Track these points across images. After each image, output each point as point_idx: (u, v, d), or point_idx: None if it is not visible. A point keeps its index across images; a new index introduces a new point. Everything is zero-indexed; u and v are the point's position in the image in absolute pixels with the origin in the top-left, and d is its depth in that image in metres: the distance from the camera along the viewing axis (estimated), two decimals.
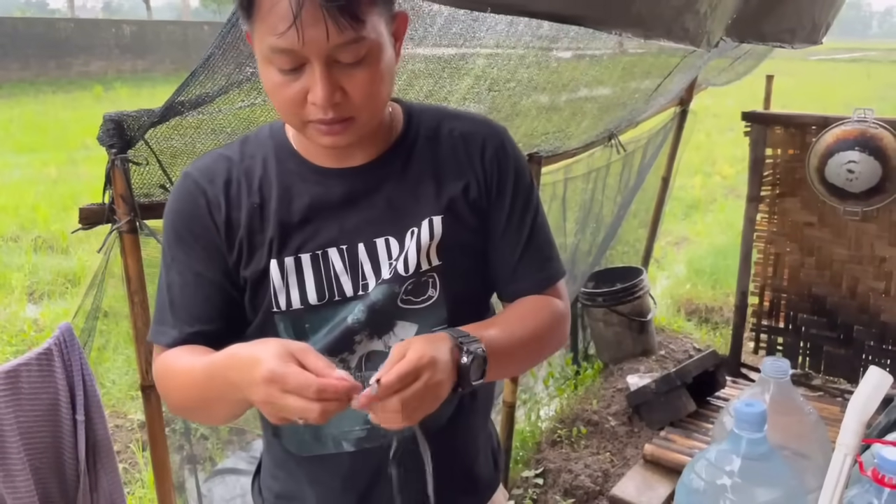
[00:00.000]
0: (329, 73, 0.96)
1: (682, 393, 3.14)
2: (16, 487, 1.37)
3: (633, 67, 2.94)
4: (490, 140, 1.16)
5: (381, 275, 1.09)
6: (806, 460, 1.13)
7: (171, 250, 1.11)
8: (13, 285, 5.15)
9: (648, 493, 2.76)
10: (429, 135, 1.15)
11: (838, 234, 3.36)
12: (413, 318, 1.12)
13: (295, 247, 1.09)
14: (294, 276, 1.09)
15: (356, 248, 1.10)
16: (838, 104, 12.36)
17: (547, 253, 1.22)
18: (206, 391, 1.02)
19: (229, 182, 1.10)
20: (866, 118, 3.06)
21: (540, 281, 1.21)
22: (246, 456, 2.75)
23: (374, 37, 0.97)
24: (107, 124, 1.38)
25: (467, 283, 1.15)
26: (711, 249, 6.25)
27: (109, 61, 21.06)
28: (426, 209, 1.11)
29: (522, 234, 1.18)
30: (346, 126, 1.01)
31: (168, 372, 1.09)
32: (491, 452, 1.34)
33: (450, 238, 1.11)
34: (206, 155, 1.15)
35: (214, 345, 1.06)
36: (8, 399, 1.35)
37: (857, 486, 0.96)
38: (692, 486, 0.98)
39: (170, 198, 1.13)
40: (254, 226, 1.09)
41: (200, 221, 1.09)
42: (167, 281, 1.12)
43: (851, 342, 3.44)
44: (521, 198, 1.17)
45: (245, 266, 1.10)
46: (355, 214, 1.10)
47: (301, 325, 1.11)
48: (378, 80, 1.00)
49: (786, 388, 1.15)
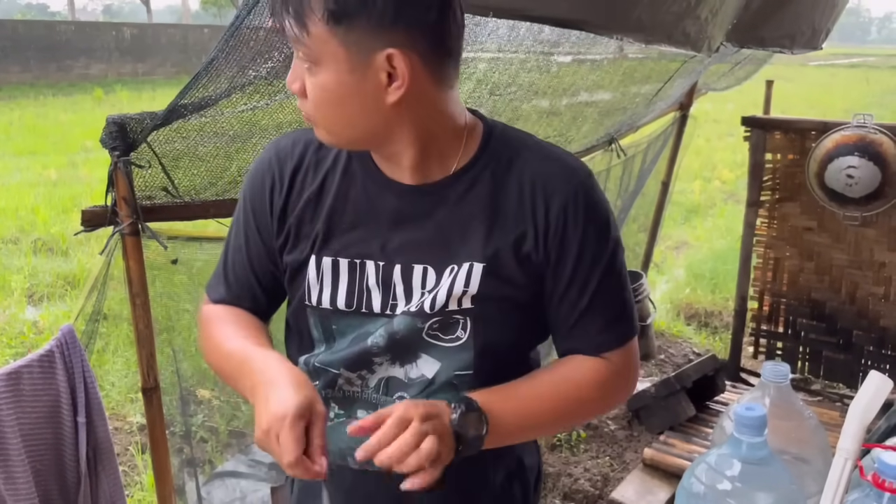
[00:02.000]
0: (298, 63, 1.00)
1: (681, 397, 3.14)
2: (17, 489, 1.37)
3: (633, 72, 2.95)
4: (562, 189, 1.06)
5: (412, 300, 1.08)
6: (806, 465, 1.13)
7: (238, 211, 1.18)
8: (13, 287, 5.14)
9: (648, 497, 2.76)
10: (500, 167, 1.07)
11: (838, 239, 3.37)
12: (437, 355, 1.09)
13: (336, 249, 1.10)
14: (329, 276, 1.10)
15: (392, 267, 1.08)
16: (837, 110, 12.39)
17: (616, 313, 1.12)
18: (233, 377, 1.08)
19: (298, 169, 1.12)
20: (866, 123, 3.07)
21: (598, 344, 1.12)
22: (245, 459, 2.74)
23: (317, 49, 0.96)
24: (110, 127, 1.39)
25: (501, 333, 1.10)
26: (711, 254, 6.26)
27: (110, 64, 21.07)
28: (470, 251, 1.06)
29: (584, 297, 1.09)
30: (309, 120, 1.04)
31: (210, 331, 1.16)
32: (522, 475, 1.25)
33: (486, 291, 1.06)
34: (294, 132, 1.18)
35: (259, 308, 1.17)
36: (9, 400, 1.35)
37: (858, 491, 0.96)
38: (692, 491, 0.98)
39: (253, 161, 1.19)
40: (305, 216, 1.11)
41: (261, 198, 1.13)
42: (228, 239, 1.19)
43: (851, 347, 3.44)
44: (587, 259, 1.07)
45: (288, 252, 1.13)
46: (401, 234, 1.08)
47: (329, 325, 1.12)
48: (320, 93, 1.00)
49: (786, 393, 1.15)
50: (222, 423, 3.11)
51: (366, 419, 0.96)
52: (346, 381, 1.13)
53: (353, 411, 1.13)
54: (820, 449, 1.16)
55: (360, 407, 1.13)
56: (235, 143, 1.59)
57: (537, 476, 1.29)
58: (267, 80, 1.43)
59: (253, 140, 1.61)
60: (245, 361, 1.04)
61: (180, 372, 2.12)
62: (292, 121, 1.60)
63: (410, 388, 1.10)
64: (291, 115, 1.60)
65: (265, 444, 0.93)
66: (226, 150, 1.57)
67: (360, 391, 1.13)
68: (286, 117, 1.60)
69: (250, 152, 1.61)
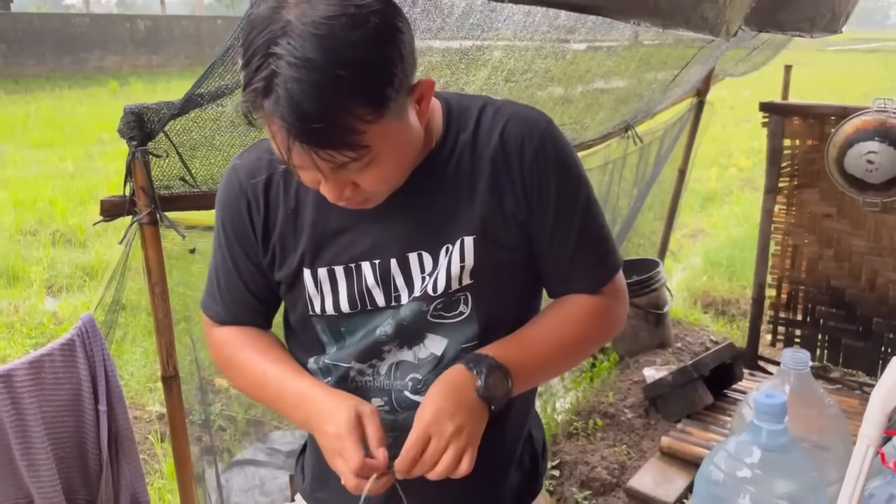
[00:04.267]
0: (336, 178, 0.96)
1: (698, 385, 3.12)
2: (39, 477, 1.39)
3: (649, 58, 2.93)
4: (529, 141, 1.08)
5: (414, 288, 1.09)
6: (826, 452, 1.13)
7: (218, 236, 1.17)
8: (32, 278, 5.20)
9: (666, 485, 2.75)
10: (467, 140, 1.09)
11: (857, 225, 3.33)
12: (443, 332, 1.11)
13: (328, 258, 1.10)
14: (328, 285, 1.11)
15: (388, 262, 1.09)
16: (856, 95, 12.22)
17: (600, 251, 1.17)
18: (275, 404, 1.14)
19: (269, 183, 1.11)
20: (886, 108, 3.03)
21: (594, 282, 1.17)
22: (263, 447, 2.77)
23: (378, 142, 0.92)
24: (127, 117, 1.39)
25: (501, 298, 1.13)
26: (728, 242, 6.21)
27: (124, 56, 21.16)
28: (460, 226, 1.08)
29: (571, 237, 1.13)
30: (366, 203, 1.03)
31: (231, 359, 1.19)
32: (530, 456, 1.29)
33: (482, 261, 1.08)
34: (253, 147, 1.16)
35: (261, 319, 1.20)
36: (32, 389, 1.37)
37: (880, 478, 0.95)
38: (712, 478, 0.98)
39: (219, 188, 1.17)
40: (287, 231, 1.11)
41: (241, 221, 1.13)
42: (215, 262, 1.19)
43: (870, 334, 3.40)
44: (566, 200, 1.11)
45: (278, 269, 1.13)
46: (390, 227, 1.09)
47: (337, 328, 1.14)
48: (390, 171, 0.99)
49: (806, 380, 1.14)
50: (240, 411, 3.13)
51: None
52: (357, 372, 1.14)
53: (367, 400, 1.13)
54: (840, 437, 1.15)
55: (373, 395, 1.15)
56: (252, 133, 1.59)
57: (543, 446, 1.33)
58: None
59: None
60: (283, 388, 1.11)
61: (199, 361, 2.13)
62: None
63: (421, 368, 1.13)
64: None
65: (328, 460, 1.02)
66: (242, 139, 1.57)
67: (372, 379, 1.14)
68: None
69: (267, 141, 1.61)
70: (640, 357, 3.82)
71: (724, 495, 0.96)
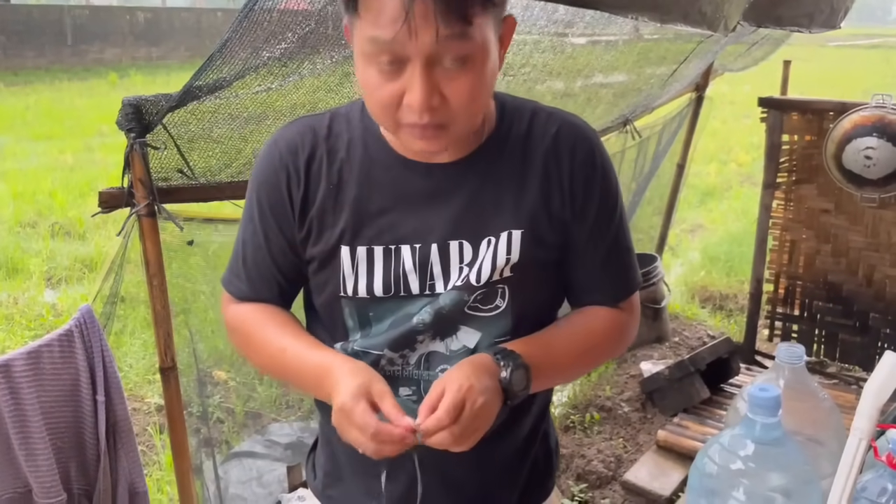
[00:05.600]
0: (429, 74, 0.94)
1: (695, 379, 3.14)
2: (37, 466, 1.40)
3: (648, 52, 2.92)
4: (580, 146, 1.11)
5: (450, 277, 1.09)
6: (820, 446, 1.13)
7: (250, 210, 1.15)
8: (31, 271, 5.20)
9: (662, 478, 2.77)
10: (520, 135, 1.11)
11: (855, 221, 3.34)
12: (477, 325, 1.11)
13: (369, 237, 1.09)
14: (364, 265, 1.09)
15: (429, 248, 1.08)
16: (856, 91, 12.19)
17: (626, 262, 1.18)
18: (294, 379, 1.13)
19: (312, 157, 1.09)
20: (885, 104, 3.03)
21: (617, 294, 1.18)
22: (261, 439, 2.78)
23: (480, 40, 0.94)
24: (125, 108, 1.39)
25: (537, 294, 1.14)
26: (726, 237, 6.21)
27: (124, 49, 21.09)
28: (506, 220, 1.08)
29: (603, 246, 1.15)
30: (440, 132, 0.99)
31: (249, 336, 1.17)
32: (544, 455, 1.29)
33: (526, 256, 1.09)
34: (295, 122, 1.14)
35: (283, 298, 1.18)
36: (30, 379, 1.38)
37: (872, 472, 0.96)
38: (705, 471, 0.99)
39: (257, 160, 1.15)
40: (326, 206, 1.09)
41: (278, 194, 1.10)
42: (243, 236, 1.17)
43: (867, 330, 3.42)
44: (605, 209, 1.13)
45: (313, 244, 1.11)
46: (433, 213, 1.08)
47: (365, 312, 1.12)
48: (479, 86, 0.98)
49: (800, 374, 1.15)
50: (239, 404, 3.14)
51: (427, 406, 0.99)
52: (388, 361, 1.13)
53: (395, 389, 1.12)
54: (834, 430, 1.15)
55: (401, 384, 1.14)
56: (250, 125, 1.60)
57: (556, 445, 1.34)
58: (281, 62, 1.43)
59: (267, 122, 1.62)
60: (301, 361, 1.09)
61: (197, 353, 2.14)
62: (306, 102, 1.61)
63: (452, 360, 1.11)
64: (305, 97, 1.60)
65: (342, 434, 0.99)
66: (240, 131, 1.57)
67: (402, 369, 1.13)
68: (300, 98, 1.60)
69: (265, 134, 1.61)
70: (637, 351, 3.83)
71: (717, 488, 0.97)
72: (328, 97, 1.67)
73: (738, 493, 0.94)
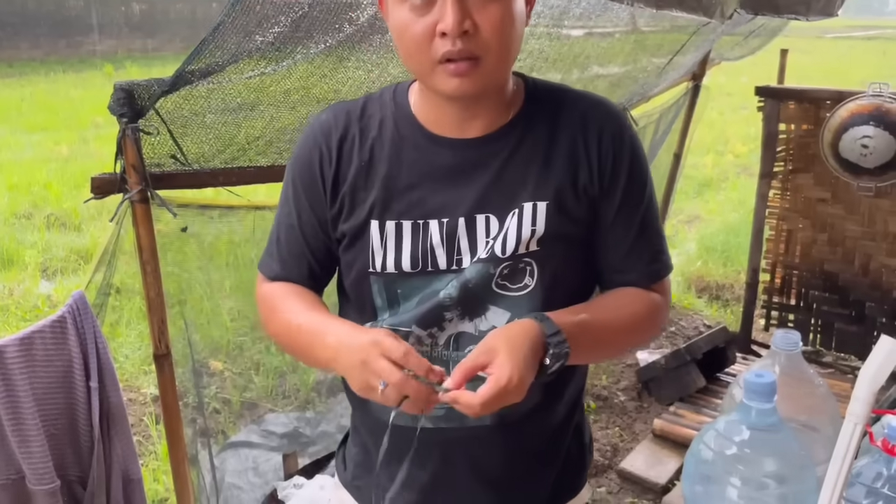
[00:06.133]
0: (461, 0, 0.98)
1: (691, 368, 3.14)
2: (31, 453, 1.39)
3: (645, 41, 2.91)
4: (609, 124, 1.12)
5: (477, 252, 1.09)
6: (815, 433, 1.13)
7: (286, 192, 1.18)
8: (27, 262, 5.18)
9: (658, 467, 2.77)
10: (547, 113, 1.12)
11: (851, 210, 3.34)
12: (507, 305, 1.11)
13: (398, 211, 1.10)
14: (393, 240, 1.11)
15: (456, 221, 1.09)
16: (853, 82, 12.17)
17: (657, 246, 1.18)
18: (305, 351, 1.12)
19: (344, 138, 1.13)
20: (882, 92, 3.03)
21: (647, 275, 1.17)
22: (257, 429, 2.78)
23: None
24: (117, 93, 1.38)
25: (566, 274, 1.13)
26: (723, 227, 6.22)
27: (119, 40, 20.96)
28: (532, 192, 1.09)
29: (633, 225, 1.14)
30: (473, 66, 1.01)
31: (274, 309, 1.18)
32: (578, 449, 1.28)
33: (552, 229, 1.09)
34: (331, 107, 1.19)
35: (314, 281, 1.19)
36: (22, 366, 1.37)
37: (867, 457, 0.95)
38: (701, 457, 0.99)
39: (295, 146, 1.19)
40: (358, 183, 1.11)
41: (311, 173, 1.14)
42: (278, 218, 1.20)
43: (863, 319, 3.42)
44: (634, 187, 1.13)
45: (344, 220, 1.13)
46: (461, 188, 1.09)
47: (393, 289, 1.13)
48: (509, 19, 1.00)
49: (796, 361, 1.15)
50: (235, 394, 3.14)
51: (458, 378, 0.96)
52: (416, 340, 1.13)
53: None
54: (829, 417, 1.15)
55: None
56: (243, 111, 1.58)
57: (590, 440, 1.33)
58: (274, 46, 1.42)
59: (261, 107, 1.61)
60: (318, 334, 1.07)
61: (193, 343, 2.13)
62: (299, 87, 1.59)
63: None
64: (299, 82, 1.59)
65: (367, 371, 0.96)
66: (234, 117, 1.56)
67: (430, 349, 1.13)
68: (293, 83, 1.59)
69: (258, 120, 1.60)
70: None
71: (713, 474, 0.97)
72: (322, 83, 1.66)
73: (734, 478, 0.94)
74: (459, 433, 1.13)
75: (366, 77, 1.77)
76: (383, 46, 1.72)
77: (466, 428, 1.12)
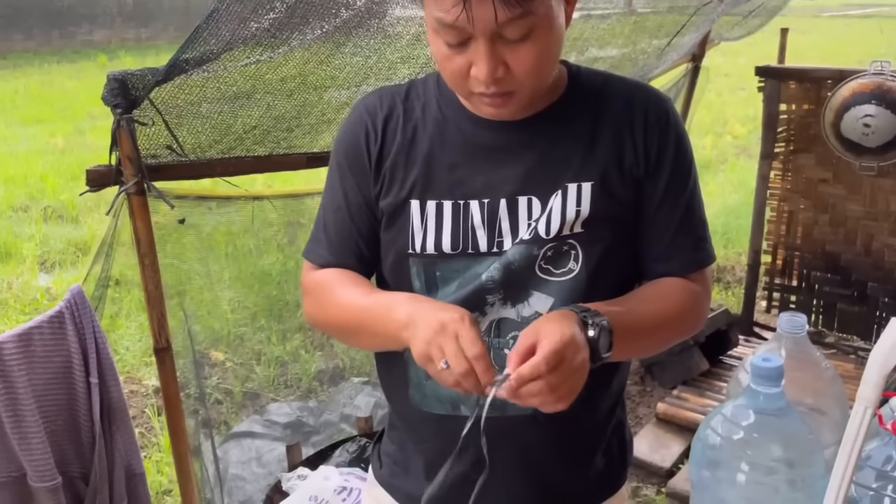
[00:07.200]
0: (493, 49, 0.97)
1: (694, 352, 3.14)
2: (31, 450, 1.39)
3: (644, 22, 2.89)
4: (654, 108, 1.11)
5: (518, 234, 1.08)
6: (822, 416, 1.12)
7: (332, 175, 1.18)
8: (24, 255, 5.17)
9: (662, 451, 2.78)
10: (591, 96, 1.12)
11: (853, 190, 3.32)
12: (550, 290, 1.08)
13: (439, 191, 1.10)
14: (433, 220, 1.10)
15: (498, 203, 1.08)
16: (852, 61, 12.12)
17: (701, 234, 1.16)
18: (370, 329, 1.08)
19: (389, 116, 1.13)
20: (883, 70, 3.00)
21: (690, 263, 1.15)
22: (260, 419, 2.77)
23: (542, 12, 0.96)
24: (111, 83, 1.36)
25: (611, 259, 1.10)
26: (723, 209, 6.21)
27: (113, 30, 20.84)
28: (577, 173, 1.08)
29: (677, 211, 1.13)
30: (509, 98, 1.02)
31: (325, 294, 1.16)
32: (619, 445, 1.25)
33: (596, 210, 1.07)
34: (377, 90, 1.19)
35: (363, 265, 1.16)
36: (21, 362, 1.36)
37: (877, 440, 0.94)
38: (708, 442, 0.98)
39: (340, 127, 1.19)
40: (400, 160, 1.11)
41: (356, 151, 1.14)
42: (323, 205, 1.19)
43: (866, 299, 3.41)
44: (678, 173, 1.12)
45: (384, 196, 1.12)
46: (503, 168, 1.09)
47: (432, 272, 1.11)
48: (544, 54, 1.00)
49: (802, 344, 1.13)
50: (237, 384, 3.14)
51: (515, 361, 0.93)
52: None
53: None
54: (836, 400, 1.14)
55: None
56: (239, 99, 1.56)
57: (630, 438, 1.30)
58: (269, 33, 1.40)
59: (257, 96, 1.59)
60: (390, 308, 1.04)
61: (193, 335, 2.13)
62: (296, 74, 1.57)
63: (524, 327, 1.04)
64: (295, 69, 1.57)
65: (433, 346, 0.94)
66: (230, 106, 1.54)
67: None
68: (290, 71, 1.57)
69: (254, 108, 1.58)
70: None
71: (720, 459, 0.96)
72: (319, 69, 1.64)
73: (742, 463, 0.93)
74: (499, 422, 1.07)
75: (363, 63, 1.75)
76: (380, 31, 1.70)
77: (506, 417, 1.08)
